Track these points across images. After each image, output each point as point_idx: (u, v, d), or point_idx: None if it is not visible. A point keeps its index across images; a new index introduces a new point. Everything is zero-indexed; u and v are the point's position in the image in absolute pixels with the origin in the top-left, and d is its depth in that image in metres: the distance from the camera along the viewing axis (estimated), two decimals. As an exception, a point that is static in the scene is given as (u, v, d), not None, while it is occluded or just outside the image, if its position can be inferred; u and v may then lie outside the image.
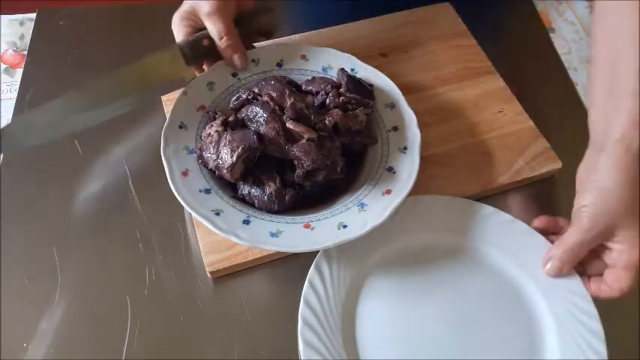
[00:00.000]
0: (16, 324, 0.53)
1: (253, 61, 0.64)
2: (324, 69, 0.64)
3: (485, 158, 0.64)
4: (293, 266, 0.57)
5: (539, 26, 0.84)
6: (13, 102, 0.70)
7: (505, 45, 0.73)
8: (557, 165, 0.63)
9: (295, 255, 0.57)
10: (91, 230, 0.59)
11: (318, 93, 0.60)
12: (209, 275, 0.56)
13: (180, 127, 0.58)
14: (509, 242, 0.56)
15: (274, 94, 0.57)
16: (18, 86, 0.71)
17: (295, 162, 0.55)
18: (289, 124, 0.55)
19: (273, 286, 0.57)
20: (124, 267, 0.57)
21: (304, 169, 0.54)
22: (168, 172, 0.54)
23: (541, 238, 0.56)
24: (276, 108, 0.56)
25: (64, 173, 0.63)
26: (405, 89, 0.63)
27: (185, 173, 0.55)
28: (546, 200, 0.64)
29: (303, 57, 0.65)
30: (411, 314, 0.52)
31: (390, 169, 0.57)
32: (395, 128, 0.60)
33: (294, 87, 0.61)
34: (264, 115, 0.55)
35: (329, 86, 0.60)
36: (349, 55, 0.65)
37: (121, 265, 0.57)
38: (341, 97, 0.59)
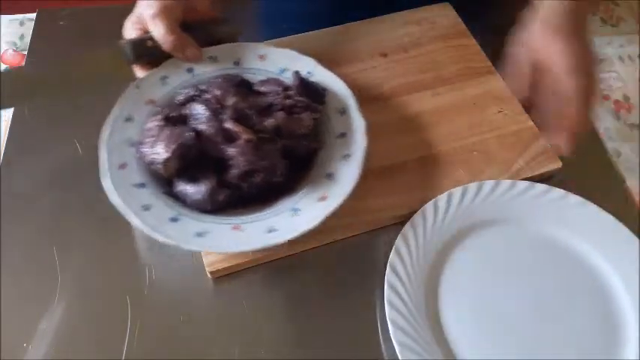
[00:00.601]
0: (16, 324, 0.53)
1: (211, 57, 0.63)
2: (280, 70, 0.63)
3: (485, 158, 0.64)
4: (293, 266, 0.57)
5: (539, 26, 0.84)
6: (13, 102, 0.70)
7: (505, 45, 0.73)
8: (557, 165, 0.63)
9: (296, 255, 0.57)
10: (91, 230, 0.59)
11: (269, 94, 0.60)
12: (209, 275, 0.55)
13: (127, 119, 0.58)
14: (578, 223, 0.58)
15: (218, 93, 0.57)
16: (18, 86, 0.71)
17: (231, 162, 0.54)
18: (228, 124, 0.54)
19: (273, 286, 0.57)
20: (124, 267, 0.57)
21: (240, 169, 0.54)
22: (104, 163, 0.54)
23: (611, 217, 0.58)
24: (219, 107, 0.56)
25: (64, 173, 0.63)
26: (405, 89, 0.63)
27: (123, 166, 0.55)
28: (546, 200, 0.63)
29: (262, 57, 0.64)
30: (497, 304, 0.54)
31: (330, 176, 0.56)
32: (342, 134, 0.59)
33: (247, 86, 0.61)
34: (205, 113, 0.55)
35: (280, 88, 0.60)
36: (309, 57, 0.64)
37: (121, 265, 0.57)
38: (288, 100, 0.58)
